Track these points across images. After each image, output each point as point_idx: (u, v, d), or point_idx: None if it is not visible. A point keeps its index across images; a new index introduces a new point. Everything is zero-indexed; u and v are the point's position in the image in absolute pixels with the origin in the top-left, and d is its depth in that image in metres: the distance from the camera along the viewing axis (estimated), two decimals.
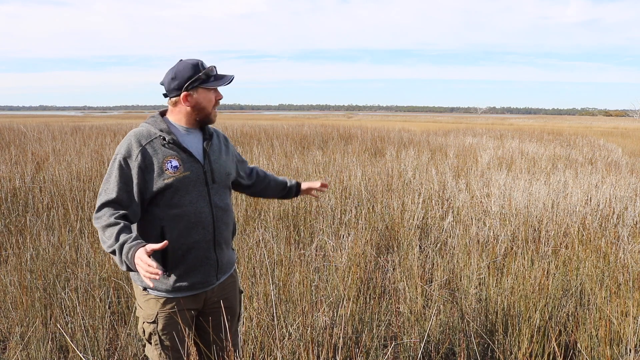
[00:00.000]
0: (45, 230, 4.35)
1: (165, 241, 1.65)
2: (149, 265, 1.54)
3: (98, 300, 3.02)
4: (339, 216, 5.00)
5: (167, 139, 1.81)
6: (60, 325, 2.85)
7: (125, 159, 1.76)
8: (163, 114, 1.92)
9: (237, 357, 2.05)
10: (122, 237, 1.64)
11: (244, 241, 4.06)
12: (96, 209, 1.76)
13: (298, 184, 2.36)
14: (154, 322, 1.85)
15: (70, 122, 27.73)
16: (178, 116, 1.89)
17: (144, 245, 1.61)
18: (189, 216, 1.82)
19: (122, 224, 1.68)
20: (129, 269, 1.65)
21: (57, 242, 4.04)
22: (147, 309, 1.87)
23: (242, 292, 2.16)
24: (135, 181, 1.76)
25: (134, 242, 1.62)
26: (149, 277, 1.55)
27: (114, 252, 1.66)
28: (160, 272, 1.55)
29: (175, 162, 1.79)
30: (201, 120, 1.90)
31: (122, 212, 1.73)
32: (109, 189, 1.75)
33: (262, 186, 2.28)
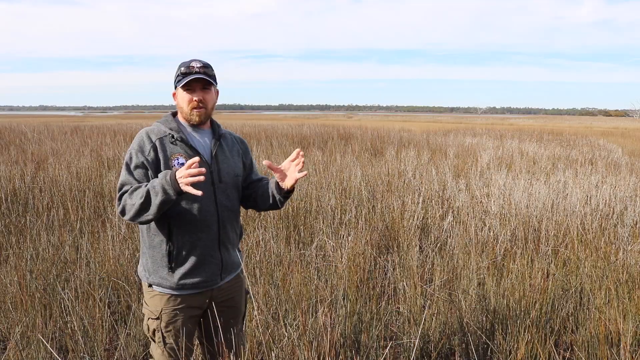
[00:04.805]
0: (45, 230, 4.35)
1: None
2: (189, 169, 1.62)
3: (98, 300, 3.03)
4: (339, 216, 5.00)
5: (175, 136, 1.84)
6: (60, 325, 2.85)
7: (138, 153, 1.80)
8: (175, 114, 1.96)
9: (242, 357, 2.06)
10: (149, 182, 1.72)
11: (244, 241, 4.06)
12: (117, 201, 1.78)
13: (276, 183, 1.91)
14: (157, 318, 1.88)
15: (70, 122, 27.74)
16: (180, 114, 1.93)
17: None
18: (194, 214, 1.84)
19: (145, 183, 1.74)
20: (166, 195, 1.65)
21: (57, 242, 4.04)
22: (152, 305, 1.89)
23: (248, 292, 2.17)
24: (148, 172, 1.80)
25: (165, 171, 1.70)
26: (196, 180, 1.62)
27: (147, 195, 1.67)
28: (200, 169, 1.63)
29: (182, 160, 1.82)
30: (186, 120, 1.91)
31: None
32: (125, 182, 1.79)
33: (253, 198, 2.04)
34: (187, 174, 1.62)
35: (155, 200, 1.67)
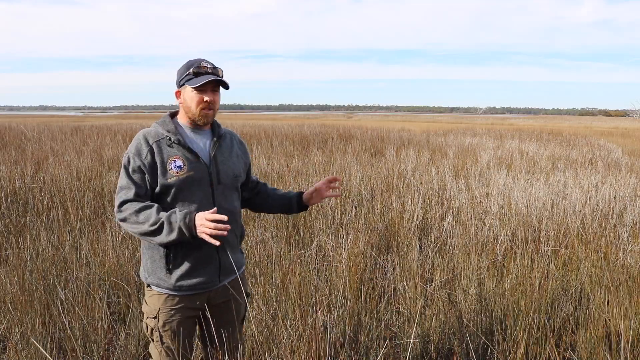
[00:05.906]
0: (45, 230, 4.35)
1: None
2: (215, 221, 1.67)
3: (97, 300, 3.03)
4: (338, 216, 5.01)
5: (172, 139, 1.83)
6: (59, 326, 2.85)
7: (135, 157, 1.80)
8: (173, 115, 1.95)
9: (241, 357, 2.06)
10: (166, 213, 1.74)
11: (243, 241, 4.06)
12: (117, 207, 1.79)
13: (300, 195, 2.12)
14: (155, 317, 1.89)
15: (70, 122, 27.73)
16: (182, 114, 1.92)
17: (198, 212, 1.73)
18: None
19: (156, 205, 1.76)
20: (181, 235, 1.71)
21: (57, 242, 4.04)
22: (151, 304, 1.90)
23: (249, 294, 2.16)
24: (145, 176, 1.81)
25: (185, 211, 1.74)
26: (218, 233, 1.67)
27: (160, 226, 1.71)
28: (225, 225, 1.67)
29: (179, 162, 1.81)
30: (192, 120, 1.89)
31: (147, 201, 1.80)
32: (124, 186, 1.80)
33: (261, 199, 2.17)
34: (214, 226, 1.66)
35: (169, 237, 1.72)
